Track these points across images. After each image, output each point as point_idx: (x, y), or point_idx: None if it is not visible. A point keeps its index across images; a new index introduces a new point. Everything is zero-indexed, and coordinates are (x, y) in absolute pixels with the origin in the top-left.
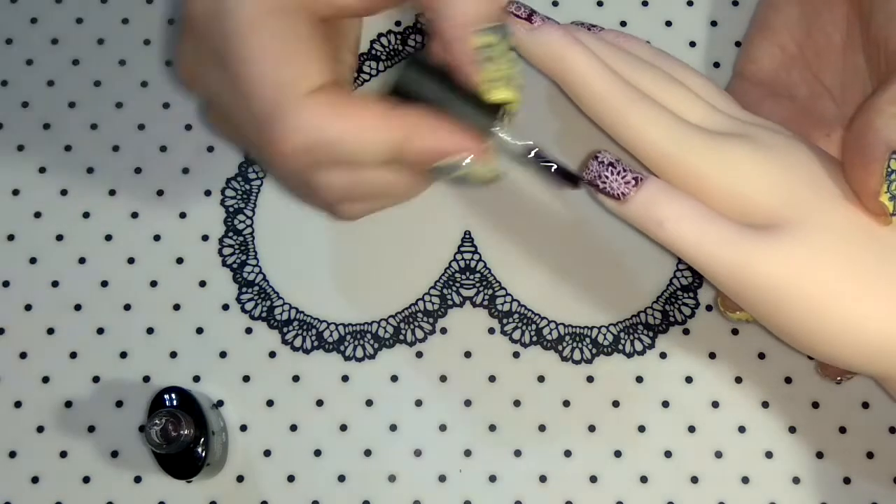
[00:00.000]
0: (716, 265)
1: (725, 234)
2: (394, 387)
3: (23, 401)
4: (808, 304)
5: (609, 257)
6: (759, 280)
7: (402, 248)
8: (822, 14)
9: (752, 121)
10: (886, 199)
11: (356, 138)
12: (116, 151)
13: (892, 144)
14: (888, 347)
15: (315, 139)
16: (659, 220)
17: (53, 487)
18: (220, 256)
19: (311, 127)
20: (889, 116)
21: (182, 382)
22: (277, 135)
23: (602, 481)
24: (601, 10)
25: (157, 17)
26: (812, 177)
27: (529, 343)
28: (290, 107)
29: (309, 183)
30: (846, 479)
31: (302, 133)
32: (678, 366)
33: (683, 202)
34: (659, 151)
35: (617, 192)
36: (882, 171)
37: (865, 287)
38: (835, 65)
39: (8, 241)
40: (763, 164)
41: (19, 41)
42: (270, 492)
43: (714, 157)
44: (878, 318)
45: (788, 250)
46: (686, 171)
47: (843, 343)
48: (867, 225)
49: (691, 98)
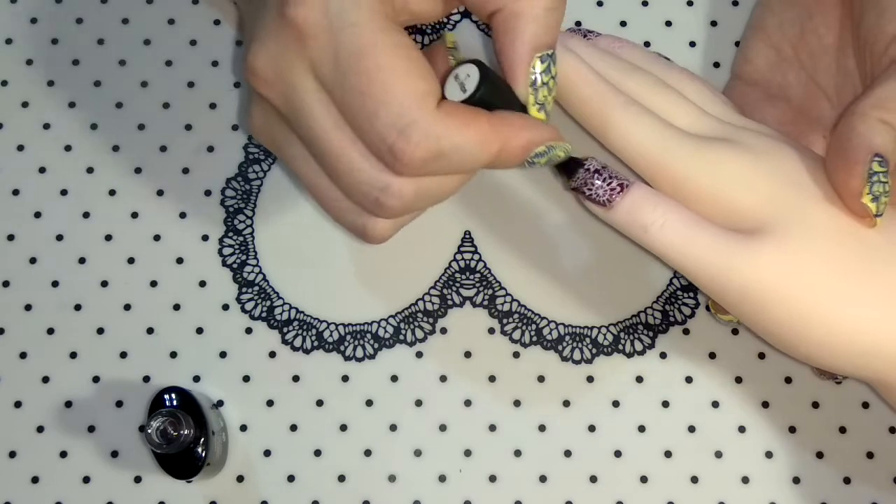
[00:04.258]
0: (700, 270)
1: (709, 239)
2: (394, 387)
3: (23, 401)
4: (793, 309)
5: (609, 257)
6: (743, 285)
7: (402, 248)
8: (815, 16)
9: (742, 124)
10: (868, 200)
11: (475, 147)
12: (116, 151)
13: (874, 147)
14: (873, 351)
15: (442, 148)
16: (643, 226)
17: (53, 487)
18: (220, 256)
19: (442, 136)
20: (872, 120)
21: (182, 382)
22: (414, 142)
23: (602, 481)
24: (601, 10)
25: (157, 17)
26: (798, 180)
27: (529, 343)
28: (428, 116)
29: (386, 190)
30: (846, 479)
31: (434, 141)
32: (678, 366)
33: (668, 208)
34: (645, 155)
35: (602, 198)
36: (864, 173)
37: (850, 291)
38: (828, 66)
39: (8, 241)
40: (748, 168)
41: (19, 41)
42: (270, 492)
43: (699, 162)
44: (863, 322)
45: (772, 255)
46: (672, 175)
47: (828, 347)
48: (852, 228)
49: (681, 102)
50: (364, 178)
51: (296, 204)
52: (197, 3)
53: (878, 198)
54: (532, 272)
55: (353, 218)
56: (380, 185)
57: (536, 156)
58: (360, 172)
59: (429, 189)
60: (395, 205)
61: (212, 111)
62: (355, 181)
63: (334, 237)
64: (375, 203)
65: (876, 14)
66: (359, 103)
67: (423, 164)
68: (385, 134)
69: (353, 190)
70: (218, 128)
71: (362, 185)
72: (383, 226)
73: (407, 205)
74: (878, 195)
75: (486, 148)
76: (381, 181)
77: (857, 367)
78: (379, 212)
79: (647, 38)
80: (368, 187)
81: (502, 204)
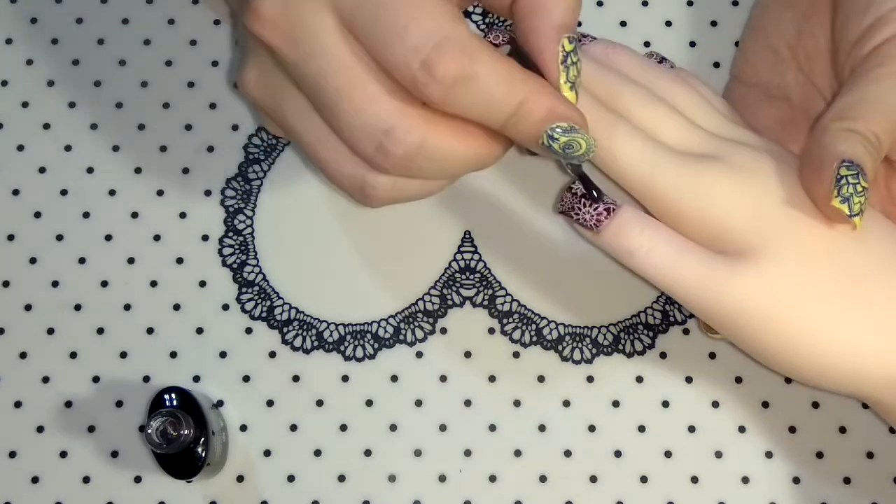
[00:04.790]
0: (687, 294)
1: (695, 263)
2: (394, 387)
3: (23, 401)
4: (780, 332)
5: (609, 257)
6: (729, 309)
7: (402, 248)
8: (810, 17)
9: (734, 135)
10: (838, 202)
11: (503, 85)
12: (116, 151)
13: (839, 154)
14: (861, 373)
15: (475, 71)
16: (629, 251)
17: (53, 487)
18: (220, 256)
19: (476, 57)
20: (835, 131)
21: (182, 382)
22: (449, 56)
23: (602, 481)
24: (601, 10)
25: (157, 17)
26: (785, 199)
27: (529, 343)
28: (464, 33)
29: (391, 133)
30: (846, 479)
31: (468, 59)
32: (678, 366)
33: (654, 232)
34: (632, 175)
35: (589, 223)
36: (831, 178)
37: (836, 314)
38: (824, 67)
39: (8, 241)
40: (735, 189)
41: (19, 41)
42: (270, 492)
43: (686, 181)
44: (850, 344)
45: (758, 279)
46: (659, 194)
47: (816, 369)
48: (840, 245)
49: (670, 116)
50: (373, 117)
51: (296, 204)
52: (197, 3)
53: (848, 199)
54: (532, 272)
55: (351, 171)
56: (385, 126)
57: (556, 131)
58: (369, 111)
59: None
60: (398, 151)
61: (212, 111)
62: (362, 123)
63: (335, 237)
64: (379, 149)
65: (840, 20)
66: (389, 22)
67: (454, 83)
68: (419, 48)
69: (358, 134)
70: (218, 128)
71: (368, 128)
72: (383, 182)
73: (410, 153)
74: (847, 196)
75: (512, 92)
76: (388, 121)
77: (846, 387)
78: (382, 160)
79: (647, 38)
80: (374, 130)
81: (502, 204)
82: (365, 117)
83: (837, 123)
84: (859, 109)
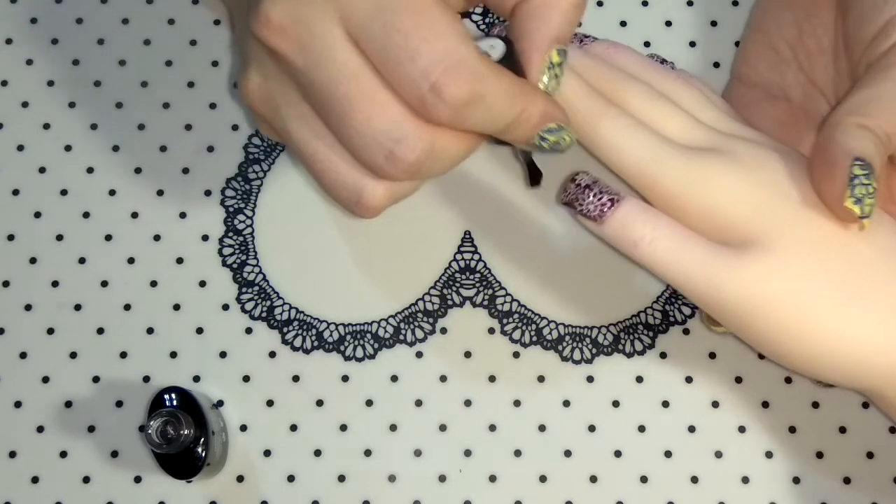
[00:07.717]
0: (690, 286)
1: (699, 254)
2: (394, 387)
3: (23, 401)
4: (783, 324)
5: (609, 257)
6: (732, 300)
7: (402, 248)
8: (812, 17)
9: (736, 132)
10: (851, 203)
11: (507, 98)
12: (116, 151)
13: (852, 152)
14: (864, 365)
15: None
16: (633, 241)
17: (53, 487)
18: (220, 256)
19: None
20: (848, 127)
21: (182, 382)
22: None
23: (602, 481)
24: (601, 10)
25: (157, 17)
26: (788, 192)
27: (529, 343)
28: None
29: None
30: (846, 479)
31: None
32: (678, 366)
33: (658, 223)
34: (635, 168)
35: (593, 213)
36: (845, 177)
37: (840, 306)
38: (826, 67)
39: (8, 241)
40: (738, 181)
41: (19, 41)
42: (270, 492)
43: (690, 175)
44: (854, 336)
45: (761, 271)
46: (662, 187)
47: (819, 361)
48: (842, 240)
49: (673, 112)
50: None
51: (296, 204)
52: (197, 3)
53: (860, 200)
54: (532, 272)
55: (351, 182)
56: (396, 135)
57: (548, 132)
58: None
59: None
60: (409, 158)
61: (212, 111)
62: (373, 131)
63: (335, 237)
64: (389, 157)
65: (854, 18)
66: (399, 42)
67: (464, 105)
68: (429, 71)
69: (367, 142)
70: (218, 128)
71: (378, 136)
72: (382, 193)
73: (420, 159)
74: (860, 197)
75: (515, 102)
76: (399, 129)
77: (850, 380)
78: (391, 168)
79: (647, 38)
80: (384, 138)
81: (502, 204)
82: (376, 125)
83: (852, 118)
84: (873, 107)
